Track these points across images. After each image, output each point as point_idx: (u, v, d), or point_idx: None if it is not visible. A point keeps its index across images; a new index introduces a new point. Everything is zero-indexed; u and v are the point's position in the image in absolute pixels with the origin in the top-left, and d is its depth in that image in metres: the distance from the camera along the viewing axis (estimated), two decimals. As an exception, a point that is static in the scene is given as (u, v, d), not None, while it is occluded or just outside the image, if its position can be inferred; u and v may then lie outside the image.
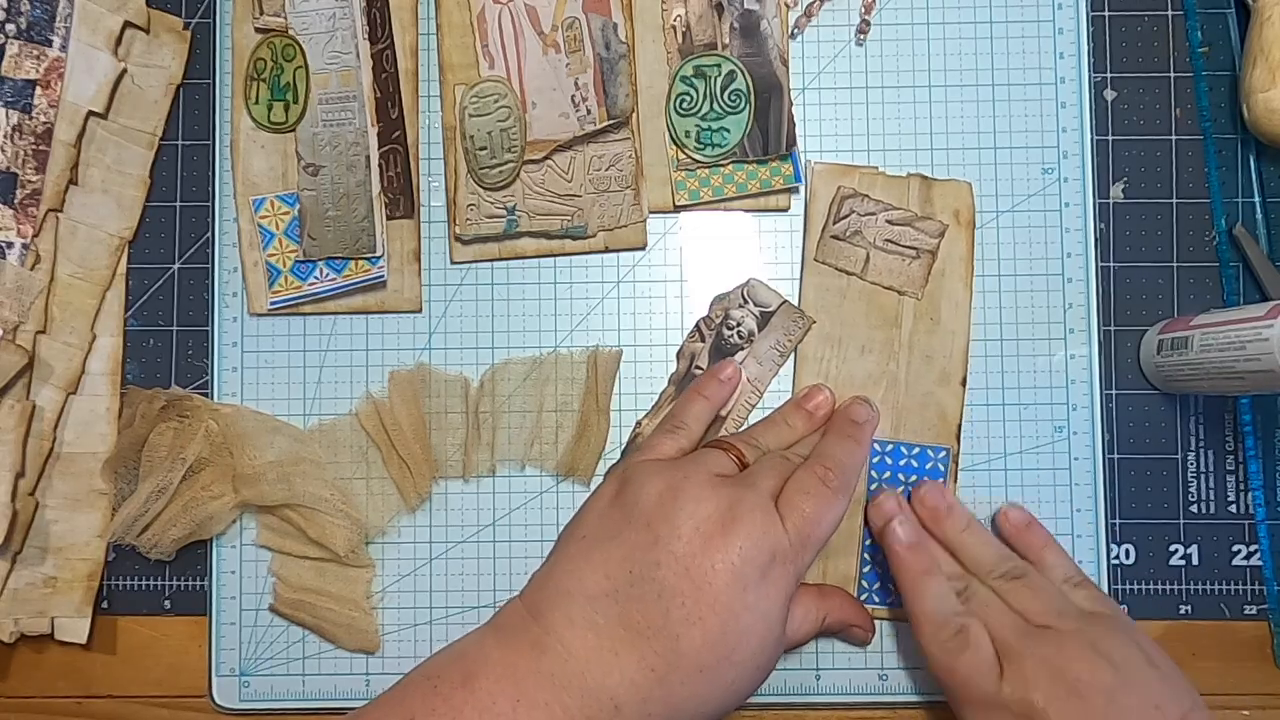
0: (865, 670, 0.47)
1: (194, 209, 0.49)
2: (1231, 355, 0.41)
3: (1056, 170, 0.48)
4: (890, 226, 0.46)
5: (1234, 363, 0.41)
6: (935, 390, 0.47)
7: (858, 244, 0.46)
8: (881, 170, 0.48)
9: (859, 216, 0.46)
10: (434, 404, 0.48)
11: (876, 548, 0.45)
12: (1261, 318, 0.40)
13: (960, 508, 0.45)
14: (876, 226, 0.46)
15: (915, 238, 0.46)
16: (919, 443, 0.47)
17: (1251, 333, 0.40)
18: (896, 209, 0.46)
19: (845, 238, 0.46)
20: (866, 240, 0.46)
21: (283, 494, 0.46)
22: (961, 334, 0.47)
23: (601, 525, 0.40)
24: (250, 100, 0.48)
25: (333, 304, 0.48)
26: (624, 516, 0.39)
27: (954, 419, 0.47)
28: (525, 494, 0.48)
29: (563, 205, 0.48)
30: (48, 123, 0.47)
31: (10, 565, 0.47)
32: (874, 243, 0.46)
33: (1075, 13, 0.49)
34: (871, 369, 0.47)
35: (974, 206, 0.47)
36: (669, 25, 0.48)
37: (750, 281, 0.48)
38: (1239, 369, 0.41)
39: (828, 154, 0.48)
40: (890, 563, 0.44)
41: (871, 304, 0.47)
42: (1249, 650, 0.47)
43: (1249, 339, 0.40)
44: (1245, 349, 0.40)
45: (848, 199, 0.46)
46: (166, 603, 0.48)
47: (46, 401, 0.47)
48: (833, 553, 0.47)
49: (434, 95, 0.49)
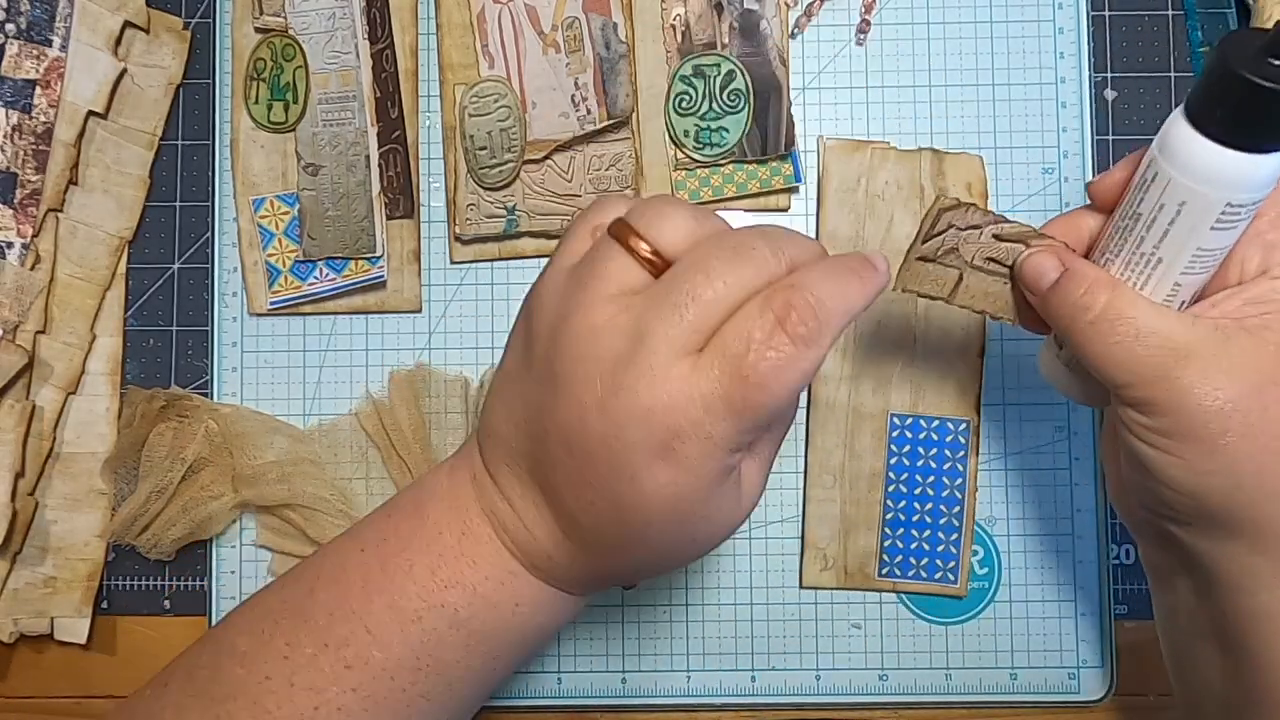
0: (865, 670, 0.47)
1: (194, 209, 0.49)
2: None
3: (1057, 170, 0.48)
4: (997, 244, 0.38)
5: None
6: (954, 362, 0.47)
7: (951, 264, 0.38)
8: (892, 145, 0.48)
9: (958, 231, 0.38)
10: (434, 404, 0.48)
11: (897, 522, 0.45)
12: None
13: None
14: (979, 243, 0.38)
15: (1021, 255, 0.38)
16: (939, 415, 0.47)
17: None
18: (1009, 222, 0.37)
19: (937, 258, 0.38)
20: (963, 259, 0.38)
21: (283, 494, 0.46)
22: None
23: (512, 357, 0.34)
24: (250, 100, 0.48)
25: (332, 304, 0.48)
26: (524, 350, 0.33)
27: (973, 391, 0.47)
28: (525, 494, 0.48)
29: (563, 205, 0.48)
30: (48, 123, 0.47)
31: (10, 565, 0.47)
32: (971, 261, 0.38)
33: (1075, 13, 0.49)
34: (888, 342, 0.47)
35: (985, 178, 0.47)
36: (669, 25, 0.48)
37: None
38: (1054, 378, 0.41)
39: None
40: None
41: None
42: (1249, 650, 0.47)
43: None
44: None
45: (946, 211, 0.37)
46: (166, 603, 0.48)
47: (46, 401, 0.47)
48: (852, 529, 0.47)
49: (434, 95, 0.49)
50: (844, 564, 0.47)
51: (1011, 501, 0.48)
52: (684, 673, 0.47)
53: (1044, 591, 0.47)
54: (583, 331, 0.30)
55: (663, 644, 0.47)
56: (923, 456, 0.47)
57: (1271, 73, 0.29)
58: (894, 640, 0.47)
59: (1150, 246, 0.33)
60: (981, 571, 0.47)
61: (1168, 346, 0.32)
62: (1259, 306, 0.33)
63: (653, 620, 0.48)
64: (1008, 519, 0.48)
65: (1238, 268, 0.34)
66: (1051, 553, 0.47)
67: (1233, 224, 0.32)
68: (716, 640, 0.47)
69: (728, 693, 0.47)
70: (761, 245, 0.31)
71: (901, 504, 0.47)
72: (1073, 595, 0.47)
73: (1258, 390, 0.31)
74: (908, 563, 0.47)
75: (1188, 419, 0.32)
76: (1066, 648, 0.47)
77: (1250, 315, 0.33)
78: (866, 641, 0.47)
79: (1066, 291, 0.34)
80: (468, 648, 0.34)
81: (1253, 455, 0.31)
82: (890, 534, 0.47)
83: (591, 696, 0.47)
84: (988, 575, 0.47)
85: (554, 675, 0.47)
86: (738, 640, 0.47)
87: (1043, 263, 0.36)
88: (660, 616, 0.48)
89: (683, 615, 0.48)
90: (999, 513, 0.48)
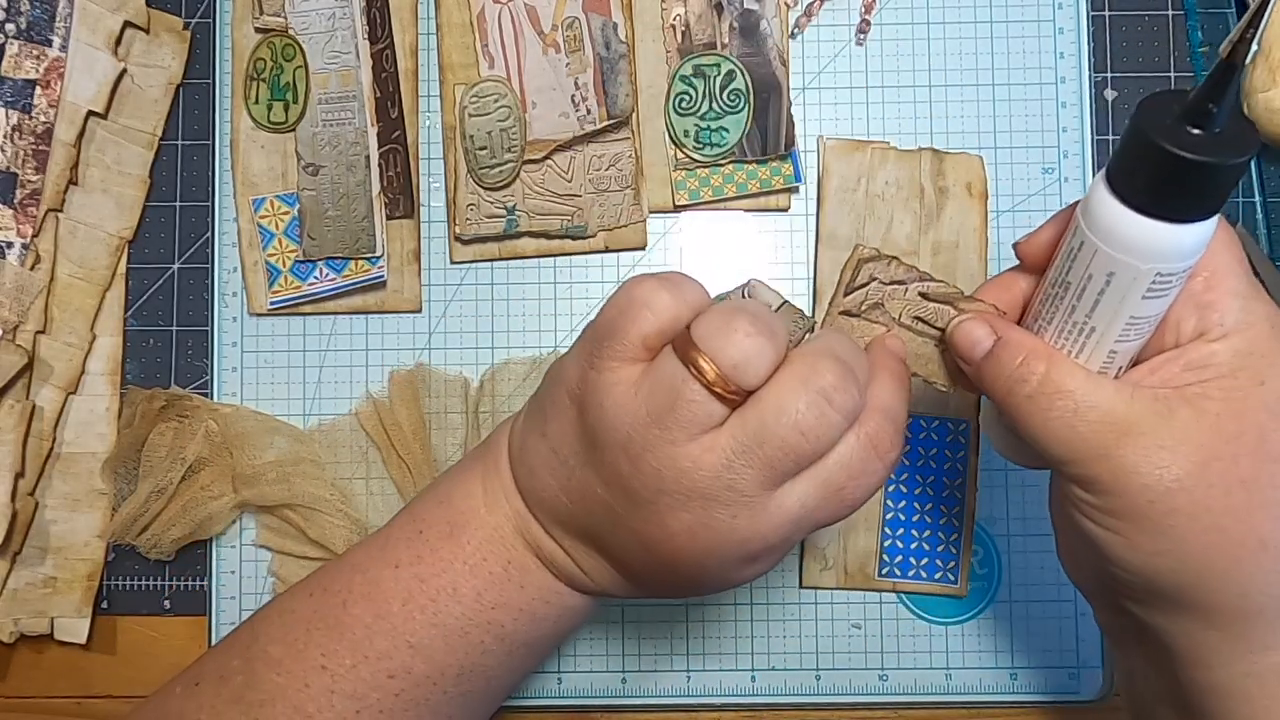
0: (865, 670, 0.47)
1: (194, 209, 0.49)
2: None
3: (1057, 170, 0.48)
4: (925, 303, 0.36)
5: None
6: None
7: (877, 319, 0.36)
8: (892, 145, 0.48)
9: (882, 285, 0.36)
10: (434, 404, 0.48)
11: (897, 522, 0.45)
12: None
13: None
14: (905, 300, 0.36)
15: (951, 319, 0.36)
16: (939, 415, 0.47)
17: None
18: (936, 281, 0.35)
19: (861, 313, 0.36)
20: (890, 315, 0.36)
21: (283, 494, 0.46)
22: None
23: (564, 441, 0.33)
24: (250, 100, 0.48)
25: (332, 304, 0.48)
26: (584, 447, 0.33)
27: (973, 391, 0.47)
28: (525, 494, 0.48)
29: (563, 205, 0.48)
30: (48, 123, 0.47)
31: (10, 565, 0.47)
32: (899, 319, 0.36)
33: (1075, 12, 0.49)
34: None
35: (985, 178, 0.47)
36: (668, 25, 0.48)
37: (750, 281, 0.48)
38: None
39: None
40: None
41: None
42: (1249, 650, 0.47)
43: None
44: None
45: (867, 263, 0.35)
46: (166, 603, 0.48)
47: (46, 401, 0.47)
48: (851, 529, 0.47)
49: (434, 95, 0.49)
50: (844, 564, 0.47)
51: (1011, 501, 0.48)
52: (684, 673, 0.47)
53: (1044, 591, 0.47)
54: (667, 469, 0.31)
55: (663, 644, 0.47)
56: (923, 456, 0.47)
57: (1189, 142, 0.28)
58: (894, 640, 0.47)
59: (1082, 316, 0.32)
60: (981, 571, 0.47)
61: (1108, 422, 0.31)
62: (1197, 373, 0.31)
63: (653, 620, 0.48)
64: (1008, 519, 0.48)
65: (1174, 331, 0.32)
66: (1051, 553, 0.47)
67: (1164, 292, 0.30)
68: (716, 640, 0.47)
69: (728, 693, 0.47)
70: (844, 389, 0.31)
71: (901, 504, 0.47)
72: (1073, 595, 0.47)
73: (1201, 467, 0.30)
74: (908, 563, 0.47)
75: (1132, 499, 0.30)
76: (1066, 648, 0.47)
77: (1190, 383, 0.31)
78: (866, 641, 0.47)
79: (1001, 362, 0.33)
80: (510, 653, 0.35)
81: (1199, 534, 0.30)
82: (890, 534, 0.47)
83: (591, 696, 0.47)
84: (988, 575, 0.47)
85: (554, 675, 0.47)
86: (738, 640, 0.47)
87: (974, 330, 0.34)
88: (660, 616, 0.48)
89: (683, 615, 0.48)
90: (999, 513, 0.48)
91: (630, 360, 0.32)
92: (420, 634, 0.34)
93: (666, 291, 0.32)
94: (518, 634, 0.35)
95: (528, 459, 0.35)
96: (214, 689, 0.35)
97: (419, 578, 0.35)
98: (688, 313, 0.32)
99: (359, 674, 0.34)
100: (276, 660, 0.34)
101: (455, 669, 0.35)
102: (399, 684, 0.34)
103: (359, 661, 0.34)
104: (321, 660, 0.34)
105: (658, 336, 0.32)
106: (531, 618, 0.35)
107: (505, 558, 0.35)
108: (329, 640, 0.34)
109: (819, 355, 0.31)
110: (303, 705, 0.34)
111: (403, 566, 0.35)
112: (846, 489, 0.32)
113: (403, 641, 0.34)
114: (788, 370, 0.31)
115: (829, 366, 0.31)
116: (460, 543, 0.35)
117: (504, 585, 0.35)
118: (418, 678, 0.34)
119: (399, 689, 0.34)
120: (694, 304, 0.32)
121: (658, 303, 0.32)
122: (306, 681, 0.34)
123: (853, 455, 0.32)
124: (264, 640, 0.35)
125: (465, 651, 0.35)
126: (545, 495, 0.34)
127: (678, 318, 0.32)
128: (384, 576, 0.35)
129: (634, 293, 0.32)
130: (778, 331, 0.32)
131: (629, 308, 0.32)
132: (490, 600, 0.35)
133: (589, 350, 0.32)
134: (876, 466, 0.32)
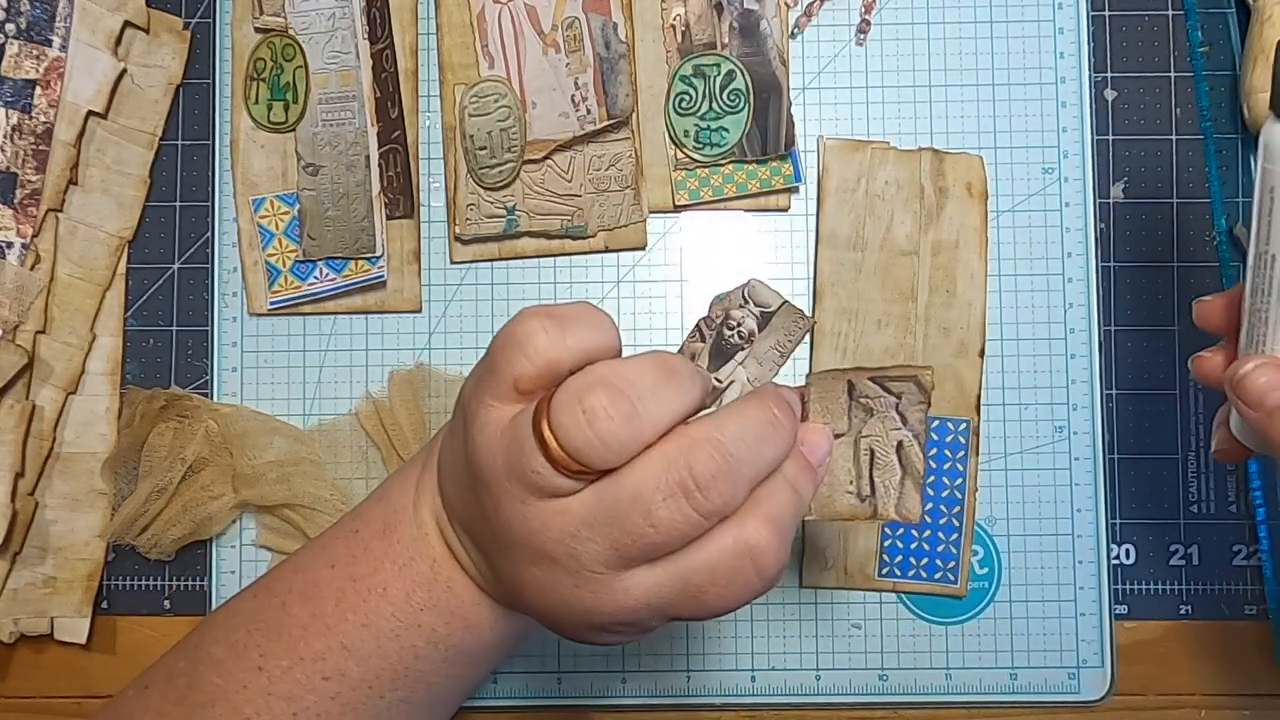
0: (865, 670, 0.47)
1: (194, 209, 0.49)
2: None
3: (1057, 170, 0.48)
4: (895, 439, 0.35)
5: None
6: (953, 362, 0.47)
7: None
8: (892, 145, 0.48)
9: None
10: (434, 404, 0.48)
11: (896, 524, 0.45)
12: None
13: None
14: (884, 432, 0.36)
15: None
16: (939, 415, 0.47)
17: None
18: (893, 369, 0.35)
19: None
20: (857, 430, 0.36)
21: (283, 494, 0.46)
22: (978, 305, 0.47)
23: (457, 458, 0.32)
24: (250, 100, 0.48)
25: (332, 304, 0.48)
26: (465, 471, 0.31)
27: (973, 390, 0.47)
28: (525, 494, 0.48)
29: (563, 205, 0.48)
30: (47, 123, 0.47)
31: (10, 565, 0.47)
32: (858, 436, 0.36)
33: (1075, 12, 0.49)
34: (889, 342, 0.47)
35: (985, 178, 0.47)
36: (668, 25, 0.48)
37: (751, 282, 0.48)
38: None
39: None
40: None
41: (888, 277, 0.47)
42: (1249, 650, 0.47)
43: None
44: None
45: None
46: (166, 603, 0.48)
47: (46, 401, 0.47)
48: (852, 528, 0.47)
49: (434, 95, 0.49)
50: (844, 564, 0.47)
51: (1011, 501, 0.48)
52: (684, 673, 0.47)
53: (1044, 591, 0.47)
54: (518, 524, 0.30)
55: (662, 644, 0.47)
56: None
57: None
58: (894, 640, 0.47)
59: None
60: (981, 571, 0.47)
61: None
62: None
63: (653, 620, 0.48)
64: (1008, 519, 0.48)
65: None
66: (1051, 553, 0.47)
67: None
68: (716, 640, 0.47)
69: (728, 693, 0.47)
70: (715, 487, 0.28)
71: (901, 504, 0.47)
72: (1073, 595, 0.47)
73: None
74: (908, 563, 0.47)
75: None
76: (1066, 648, 0.47)
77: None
78: (866, 641, 0.47)
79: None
80: (447, 660, 0.34)
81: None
82: (890, 534, 0.47)
83: (591, 696, 0.47)
84: (988, 575, 0.47)
85: (554, 675, 0.47)
86: (737, 640, 0.47)
87: (1268, 376, 0.33)
88: (660, 616, 0.48)
89: (683, 615, 0.48)
90: (999, 513, 0.48)
91: (505, 400, 0.30)
92: (352, 635, 0.33)
93: (545, 334, 0.29)
94: (452, 640, 0.34)
95: (444, 459, 0.34)
96: (161, 690, 0.35)
97: (352, 577, 0.34)
98: (570, 358, 0.29)
99: (294, 676, 0.33)
100: (218, 661, 0.34)
101: (389, 673, 0.34)
102: (334, 686, 0.33)
103: (294, 663, 0.33)
104: (259, 661, 0.34)
105: (530, 381, 0.29)
106: (465, 623, 0.34)
107: (430, 556, 0.34)
108: (267, 641, 0.34)
109: (700, 442, 0.28)
110: (240, 707, 0.33)
111: (338, 566, 0.34)
112: (708, 594, 0.29)
113: (337, 643, 0.33)
114: (659, 450, 0.28)
115: (705, 456, 0.28)
116: (391, 541, 0.34)
117: (432, 586, 0.34)
118: (353, 681, 0.33)
119: (334, 691, 0.33)
120: (579, 348, 0.29)
121: (532, 345, 0.29)
122: (245, 683, 0.33)
123: (721, 560, 0.29)
124: (209, 641, 0.35)
125: (398, 655, 0.34)
126: (450, 496, 0.34)
127: (554, 362, 0.29)
128: (321, 576, 0.35)
129: (515, 330, 0.30)
130: (650, 408, 0.28)
131: (506, 345, 0.30)
132: (419, 602, 0.34)
133: (477, 378, 0.31)
134: (751, 580, 0.29)
